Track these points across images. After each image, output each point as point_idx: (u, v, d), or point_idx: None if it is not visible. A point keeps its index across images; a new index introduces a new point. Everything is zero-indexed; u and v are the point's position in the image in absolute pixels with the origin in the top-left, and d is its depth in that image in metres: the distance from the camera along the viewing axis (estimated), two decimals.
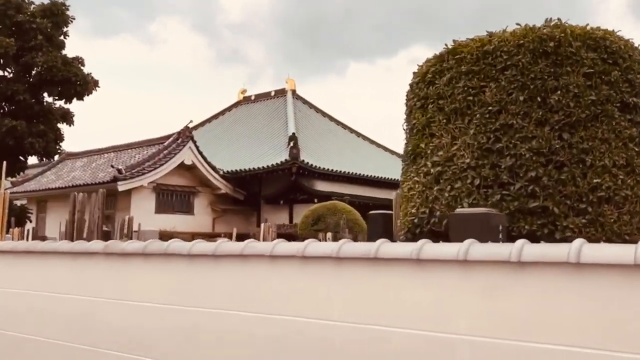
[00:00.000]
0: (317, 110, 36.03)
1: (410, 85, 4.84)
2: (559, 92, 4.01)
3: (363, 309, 3.00)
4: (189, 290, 3.83)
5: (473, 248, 2.66)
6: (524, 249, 2.53)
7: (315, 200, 25.05)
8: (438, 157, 4.32)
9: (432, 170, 4.33)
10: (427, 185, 4.37)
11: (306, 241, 3.35)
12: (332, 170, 26.75)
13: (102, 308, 4.30)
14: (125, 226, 11.50)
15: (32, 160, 23.73)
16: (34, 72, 19.44)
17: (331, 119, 36.16)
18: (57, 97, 19.73)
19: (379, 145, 35.92)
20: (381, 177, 28.76)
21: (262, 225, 14.90)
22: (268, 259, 3.45)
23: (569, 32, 4.15)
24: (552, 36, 4.13)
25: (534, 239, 3.49)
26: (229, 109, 38.84)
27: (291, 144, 25.99)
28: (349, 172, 27.44)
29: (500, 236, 3.26)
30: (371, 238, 5.36)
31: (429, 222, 4.31)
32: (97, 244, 4.50)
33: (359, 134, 35.97)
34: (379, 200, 26.05)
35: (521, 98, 4.05)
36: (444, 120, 4.36)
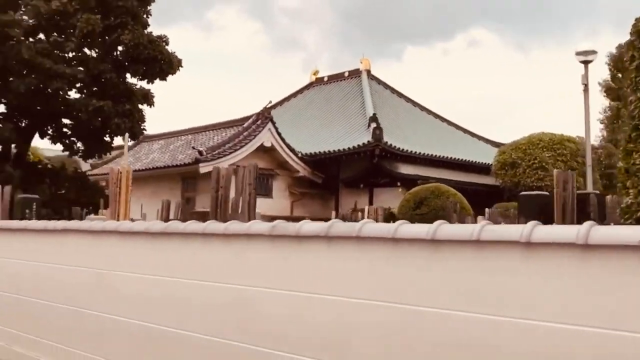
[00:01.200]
0: (393, 90, 34.90)
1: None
2: None
3: (570, 309, 2.21)
4: (395, 284, 3.04)
5: None
6: None
7: (398, 184, 24.10)
8: None
9: None
10: None
11: (481, 222, 2.53)
12: (416, 152, 25.66)
13: (267, 299, 3.59)
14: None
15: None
16: (118, 51, 19.18)
17: (407, 99, 34.97)
18: (140, 77, 19.41)
19: (458, 127, 34.51)
20: (466, 160, 27.47)
21: (366, 207, 14.12)
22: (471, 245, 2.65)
23: None
24: None
25: None
26: (300, 91, 38.21)
27: (373, 125, 25.03)
28: (433, 155, 26.26)
29: None
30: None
31: None
32: (259, 225, 3.78)
33: (436, 115, 34.65)
34: (463, 184, 24.89)
35: None
36: None
